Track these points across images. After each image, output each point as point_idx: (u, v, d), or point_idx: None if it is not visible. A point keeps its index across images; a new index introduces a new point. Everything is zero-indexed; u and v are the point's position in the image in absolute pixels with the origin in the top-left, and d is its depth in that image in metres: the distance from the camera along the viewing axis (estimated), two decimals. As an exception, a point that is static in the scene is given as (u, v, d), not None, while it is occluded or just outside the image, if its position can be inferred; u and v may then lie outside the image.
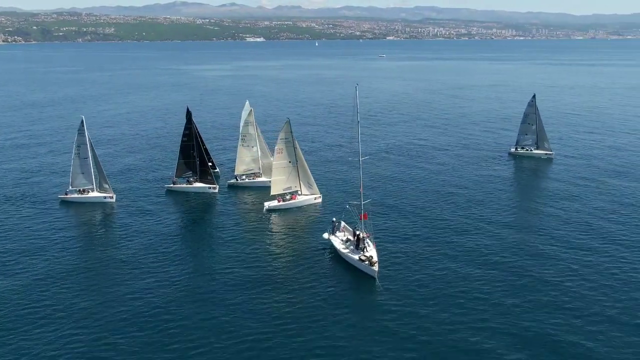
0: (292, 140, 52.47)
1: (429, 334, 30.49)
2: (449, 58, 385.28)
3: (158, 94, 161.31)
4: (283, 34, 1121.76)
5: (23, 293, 35.81)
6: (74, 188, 56.01)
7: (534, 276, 37.34)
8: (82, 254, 42.77)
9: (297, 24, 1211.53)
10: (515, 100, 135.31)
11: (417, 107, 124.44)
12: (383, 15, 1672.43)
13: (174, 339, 30.68)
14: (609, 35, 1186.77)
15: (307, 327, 31.54)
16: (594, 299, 34.09)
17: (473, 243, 43.33)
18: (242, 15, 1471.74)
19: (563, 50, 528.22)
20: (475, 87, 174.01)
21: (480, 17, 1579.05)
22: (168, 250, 43.23)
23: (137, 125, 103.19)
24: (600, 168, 66.46)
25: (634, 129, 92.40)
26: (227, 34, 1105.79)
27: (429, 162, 71.19)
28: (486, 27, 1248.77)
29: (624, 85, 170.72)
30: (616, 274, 37.63)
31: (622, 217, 49.09)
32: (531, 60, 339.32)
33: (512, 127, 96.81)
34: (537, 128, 72.57)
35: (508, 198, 55.88)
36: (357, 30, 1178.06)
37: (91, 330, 31.77)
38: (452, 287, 35.90)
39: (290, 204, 53.09)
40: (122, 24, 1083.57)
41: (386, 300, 34.41)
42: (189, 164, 58.20)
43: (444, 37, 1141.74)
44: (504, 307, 33.37)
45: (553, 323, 31.39)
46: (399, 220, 49.07)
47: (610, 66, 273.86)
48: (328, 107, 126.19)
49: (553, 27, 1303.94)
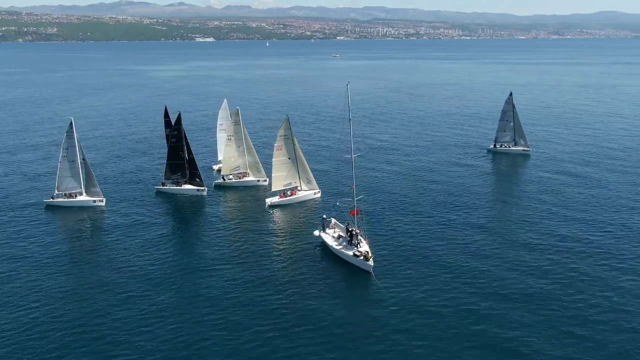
0: (291, 137, 53.40)
1: (427, 326, 31.32)
2: (401, 57, 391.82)
3: (117, 95, 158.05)
4: (233, 34, 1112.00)
5: (9, 302, 34.79)
6: (61, 192, 54.21)
7: (520, 265, 39.52)
8: (73, 260, 41.82)
9: (247, 24, 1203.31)
10: (476, 99, 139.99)
11: (380, 106, 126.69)
12: (332, 15, 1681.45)
13: (172, 336, 30.91)
14: (550, 35, 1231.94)
15: (304, 324, 31.73)
16: (571, 283, 36.45)
17: (460, 235, 45.02)
18: (190, 15, 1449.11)
19: (509, 49, 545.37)
20: (433, 85, 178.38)
21: (427, 17, 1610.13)
22: (162, 252, 42.89)
23: (106, 127, 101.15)
24: (571, 162, 69.70)
25: (588, 125, 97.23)
26: (176, 34, 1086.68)
27: (409, 160, 72.31)
28: (434, 27, 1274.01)
29: (572, 83, 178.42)
30: (592, 259, 40.18)
31: (594, 207, 52.10)
32: (481, 60, 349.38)
33: (477, 124, 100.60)
34: (514, 125, 74.40)
35: (489, 192, 58.05)
36: (307, 31, 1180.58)
37: (93, 334, 31.64)
38: (445, 277, 37.17)
39: (291, 200, 54.12)
40: (65, 24, 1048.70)
41: (383, 294, 35.16)
42: (178, 165, 57.59)
43: (393, 37, 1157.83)
44: (492, 293, 35.28)
45: (543, 308, 33.58)
46: (386, 215, 50.19)
47: (555, 65, 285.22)
48: (292, 106, 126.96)
49: (497, 27, 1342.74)
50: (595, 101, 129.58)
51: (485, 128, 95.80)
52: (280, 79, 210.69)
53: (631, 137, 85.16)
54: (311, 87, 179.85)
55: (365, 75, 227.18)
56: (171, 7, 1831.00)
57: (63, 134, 53.90)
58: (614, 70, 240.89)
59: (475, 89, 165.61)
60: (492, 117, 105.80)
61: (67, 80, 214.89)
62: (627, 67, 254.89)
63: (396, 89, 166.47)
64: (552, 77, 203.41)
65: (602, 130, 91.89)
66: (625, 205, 52.05)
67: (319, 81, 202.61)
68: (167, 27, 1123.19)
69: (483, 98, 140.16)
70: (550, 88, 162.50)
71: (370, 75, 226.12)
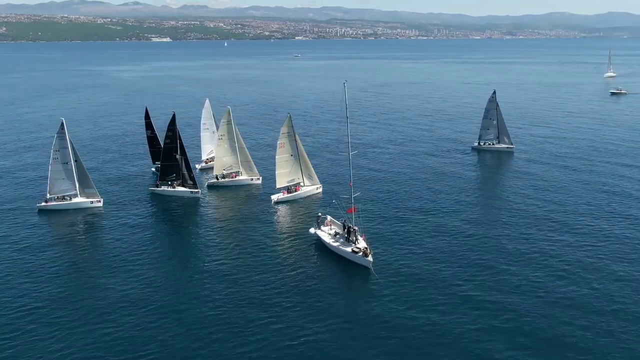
0: (293, 135, 54.72)
1: (430, 321, 32.30)
2: (362, 57, 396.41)
3: (82, 95, 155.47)
4: (190, 34, 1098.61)
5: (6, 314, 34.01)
6: (53, 195, 52.96)
7: (513, 255, 42.32)
8: (75, 263, 41.44)
9: (204, 24, 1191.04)
10: (444, 97, 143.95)
11: (351, 105, 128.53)
12: (290, 15, 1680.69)
13: (174, 334, 31.77)
14: (503, 35, 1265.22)
15: (306, 320, 32.37)
16: (562, 275, 39.32)
17: (453, 229, 46.97)
18: (146, 15, 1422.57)
19: (466, 49, 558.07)
20: (399, 85, 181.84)
21: (384, 17, 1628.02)
22: (162, 253, 43.17)
23: (79, 128, 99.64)
24: (542, 159, 73.35)
25: (552, 123, 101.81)
26: (131, 34, 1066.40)
27: (395, 159, 73.42)
28: (391, 28, 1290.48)
29: (533, 82, 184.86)
30: (574, 247, 43.25)
31: (575, 201, 55.49)
32: (441, 59, 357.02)
33: (447, 122, 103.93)
34: (498, 123, 75.95)
35: (476, 188, 60.19)
36: (265, 31, 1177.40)
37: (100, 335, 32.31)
38: (442, 271, 38.58)
39: (295, 196, 55.50)
40: (14, 23, 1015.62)
41: (382, 290, 36.10)
42: (172, 166, 57.27)
43: (352, 37, 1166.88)
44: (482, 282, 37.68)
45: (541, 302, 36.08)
46: (379, 212, 51.55)
47: (514, 64, 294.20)
48: (261, 105, 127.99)
49: (453, 28, 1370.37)
50: (557, 98, 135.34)
51: (457, 126, 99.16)
52: (248, 79, 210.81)
53: (593, 131, 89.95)
54: (280, 86, 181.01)
55: (330, 75, 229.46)
56: (125, 6, 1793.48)
57: (65, 136, 52.43)
58: (568, 69, 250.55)
59: (441, 87, 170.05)
60: (461, 116, 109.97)
61: (26, 81, 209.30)
62: (580, 67, 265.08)
63: (362, 89, 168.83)
64: (513, 76, 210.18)
65: (567, 127, 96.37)
66: (605, 194, 55.75)
67: (287, 80, 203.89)
68: (122, 27, 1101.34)
69: (449, 97, 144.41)
70: (513, 86, 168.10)
71: (335, 75, 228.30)
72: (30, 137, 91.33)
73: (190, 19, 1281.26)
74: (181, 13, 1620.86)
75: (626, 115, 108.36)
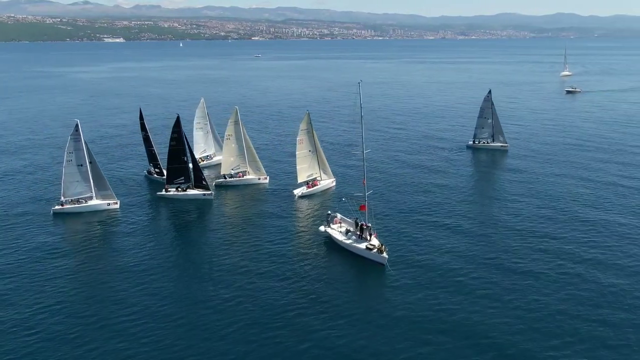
0: (311, 131, 56.33)
1: (448, 313, 33.22)
2: (322, 57, 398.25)
3: (45, 97, 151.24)
4: (144, 35, 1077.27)
5: (26, 321, 33.52)
6: (68, 198, 51.92)
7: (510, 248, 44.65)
8: (93, 270, 40.68)
9: (158, 24, 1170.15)
10: (412, 96, 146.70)
11: (321, 105, 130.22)
12: (246, 15, 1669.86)
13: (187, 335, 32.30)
14: (457, 35, 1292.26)
15: (326, 316, 33.08)
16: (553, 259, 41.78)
17: (460, 227, 48.20)
18: (97, 15, 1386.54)
19: (423, 49, 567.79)
20: (366, 84, 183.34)
21: (340, 18, 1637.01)
22: (180, 253, 43.41)
23: (54, 129, 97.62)
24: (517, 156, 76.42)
25: (519, 120, 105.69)
26: (82, 34, 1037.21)
27: (391, 159, 73.99)
28: (347, 28, 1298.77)
29: (493, 80, 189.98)
30: (563, 246, 45.60)
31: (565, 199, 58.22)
32: (401, 59, 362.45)
33: (424, 122, 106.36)
34: (493, 122, 77.52)
35: (472, 185, 61.89)
36: (221, 31, 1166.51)
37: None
38: (455, 267, 39.54)
39: (314, 190, 57.34)
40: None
41: (399, 285, 36.87)
42: (180, 169, 56.35)
43: (308, 37, 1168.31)
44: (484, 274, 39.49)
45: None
46: (384, 210, 52.27)
47: (472, 64, 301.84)
48: (239, 105, 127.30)
49: (407, 28, 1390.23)
50: (519, 97, 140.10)
51: (437, 124, 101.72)
52: (215, 79, 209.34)
53: (557, 128, 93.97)
54: (251, 86, 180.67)
55: (296, 75, 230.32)
56: (75, 5, 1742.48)
57: (80, 138, 51.30)
58: (525, 68, 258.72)
59: (411, 87, 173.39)
60: (432, 114, 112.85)
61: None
62: (537, 66, 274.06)
63: (330, 89, 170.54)
64: (474, 75, 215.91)
65: (534, 124, 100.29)
66: (594, 186, 58.70)
67: (255, 80, 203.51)
68: (72, 27, 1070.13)
69: (419, 96, 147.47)
70: (476, 85, 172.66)
71: (300, 75, 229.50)
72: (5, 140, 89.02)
73: (143, 19, 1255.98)
74: (134, 13, 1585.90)
75: (587, 112, 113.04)
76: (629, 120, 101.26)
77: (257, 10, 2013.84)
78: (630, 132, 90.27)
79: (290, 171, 63.42)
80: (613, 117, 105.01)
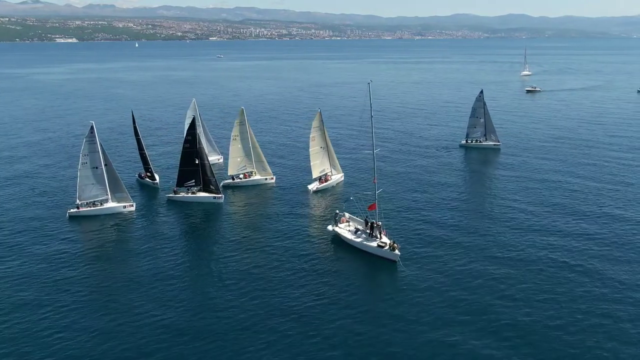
0: (322, 129, 58.37)
1: (462, 309, 33.93)
2: (285, 58, 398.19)
3: (9, 99, 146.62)
4: (98, 35, 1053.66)
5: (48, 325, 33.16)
6: (83, 201, 51.22)
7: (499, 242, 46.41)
8: (110, 275, 40.08)
9: (112, 24, 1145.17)
10: (386, 96, 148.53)
11: (292, 104, 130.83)
12: (203, 15, 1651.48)
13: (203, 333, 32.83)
14: (414, 35, 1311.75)
15: (342, 314, 33.56)
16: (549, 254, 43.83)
17: (465, 224, 49.19)
18: (48, 14, 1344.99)
19: (382, 49, 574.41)
20: (335, 84, 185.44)
21: (298, 18, 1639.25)
22: (194, 256, 43.45)
23: (21, 132, 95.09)
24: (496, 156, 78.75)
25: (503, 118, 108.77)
26: (33, 34, 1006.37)
27: (388, 159, 74.20)
28: (305, 28, 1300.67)
29: (459, 80, 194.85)
30: (555, 242, 47.86)
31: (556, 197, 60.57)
32: (364, 59, 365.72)
33: (398, 122, 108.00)
34: (485, 121, 78.57)
35: (466, 183, 63.29)
36: (178, 31, 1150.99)
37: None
38: (466, 263, 40.51)
39: (327, 185, 59.63)
40: None
41: (411, 281, 37.63)
42: (191, 172, 55.63)
43: (267, 37, 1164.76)
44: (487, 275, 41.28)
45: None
46: (386, 208, 52.31)
47: (435, 64, 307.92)
48: (212, 105, 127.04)
49: (365, 28, 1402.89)
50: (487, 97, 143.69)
51: (414, 123, 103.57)
52: (181, 80, 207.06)
53: (519, 126, 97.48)
54: (218, 87, 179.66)
55: (264, 76, 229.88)
56: (25, 4, 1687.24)
57: (95, 140, 50.58)
58: (487, 68, 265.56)
59: (381, 86, 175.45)
60: (414, 114, 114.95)
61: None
62: (497, 66, 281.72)
63: (301, 89, 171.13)
64: (439, 75, 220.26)
65: (500, 121, 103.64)
66: (586, 188, 61.48)
67: (223, 81, 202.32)
68: (22, 27, 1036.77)
69: (392, 96, 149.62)
70: (444, 85, 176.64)
71: (268, 76, 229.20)
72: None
73: (97, 18, 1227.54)
74: (86, 12, 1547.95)
75: (550, 112, 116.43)
76: (597, 118, 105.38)
77: (215, 10, 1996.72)
78: (600, 129, 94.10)
79: (295, 171, 66.54)
80: (580, 115, 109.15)
